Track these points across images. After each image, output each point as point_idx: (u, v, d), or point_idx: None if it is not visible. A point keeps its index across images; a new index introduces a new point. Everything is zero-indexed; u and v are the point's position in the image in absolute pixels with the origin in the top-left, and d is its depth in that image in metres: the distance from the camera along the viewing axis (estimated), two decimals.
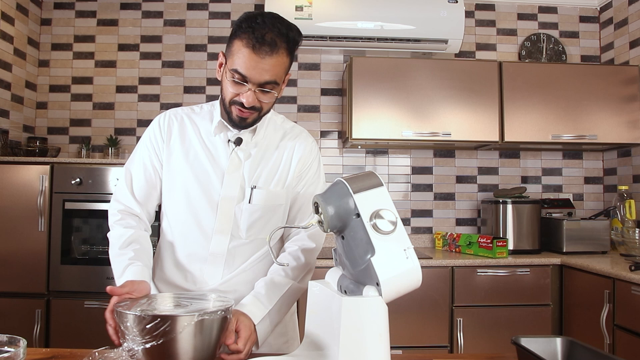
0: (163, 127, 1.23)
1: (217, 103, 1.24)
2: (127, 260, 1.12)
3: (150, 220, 1.28)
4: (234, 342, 0.98)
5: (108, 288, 0.94)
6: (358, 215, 0.87)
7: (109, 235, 1.21)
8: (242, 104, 1.10)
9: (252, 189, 1.19)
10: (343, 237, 0.91)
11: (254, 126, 1.20)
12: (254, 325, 1.08)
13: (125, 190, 1.23)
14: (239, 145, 1.19)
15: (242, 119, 1.14)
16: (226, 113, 1.16)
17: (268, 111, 1.20)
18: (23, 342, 0.81)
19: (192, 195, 1.19)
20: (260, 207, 1.19)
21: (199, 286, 1.20)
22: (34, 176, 2.42)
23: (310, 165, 1.27)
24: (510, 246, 2.73)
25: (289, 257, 1.22)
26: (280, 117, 1.31)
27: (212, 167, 1.19)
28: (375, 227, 0.85)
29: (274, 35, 1.05)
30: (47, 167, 2.44)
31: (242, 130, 1.19)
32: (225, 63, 1.12)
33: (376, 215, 0.85)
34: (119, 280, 1.10)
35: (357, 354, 0.84)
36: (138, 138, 3.10)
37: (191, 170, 1.20)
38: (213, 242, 1.18)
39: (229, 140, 1.20)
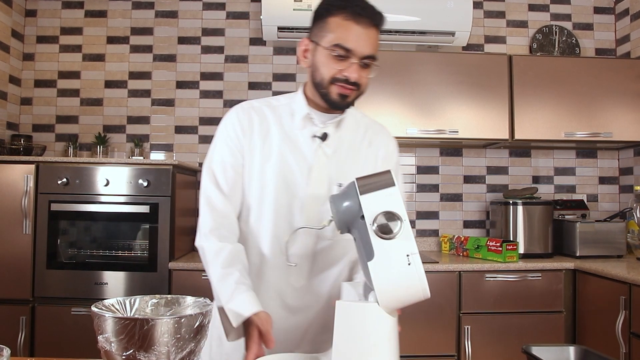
0: (243, 122, 1.22)
1: (296, 96, 1.25)
2: (233, 285, 1.09)
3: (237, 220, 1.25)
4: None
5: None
6: (363, 217, 0.87)
7: (202, 245, 1.18)
8: (345, 80, 1.12)
9: (339, 186, 1.18)
10: (355, 239, 0.92)
11: (338, 119, 1.22)
12: None
13: (212, 188, 1.20)
14: (325, 141, 1.20)
15: (343, 96, 1.15)
16: (322, 96, 1.17)
17: (363, 92, 1.20)
18: (7, 351, 0.81)
19: (275, 194, 1.19)
20: None
21: (280, 290, 1.21)
22: (18, 176, 2.42)
23: (393, 165, 1.28)
24: (521, 250, 2.72)
25: None
26: (358, 111, 1.32)
27: (297, 164, 1.20)
28: (377, 230, 0.85)
29: (370, 9, 1.12)
30: (32, 166, 2.43)
31: (328, 123, 1.21)
32: (317, 45, 1.15)
33: (379, 217, 0.86)
34: (228, 304, 1.07)
35: None
36: (128, 136, 3.13)
37: (275, 167, 1.20)
38: (298, 243, 1.18)
39: (314, 135, 1.21)
